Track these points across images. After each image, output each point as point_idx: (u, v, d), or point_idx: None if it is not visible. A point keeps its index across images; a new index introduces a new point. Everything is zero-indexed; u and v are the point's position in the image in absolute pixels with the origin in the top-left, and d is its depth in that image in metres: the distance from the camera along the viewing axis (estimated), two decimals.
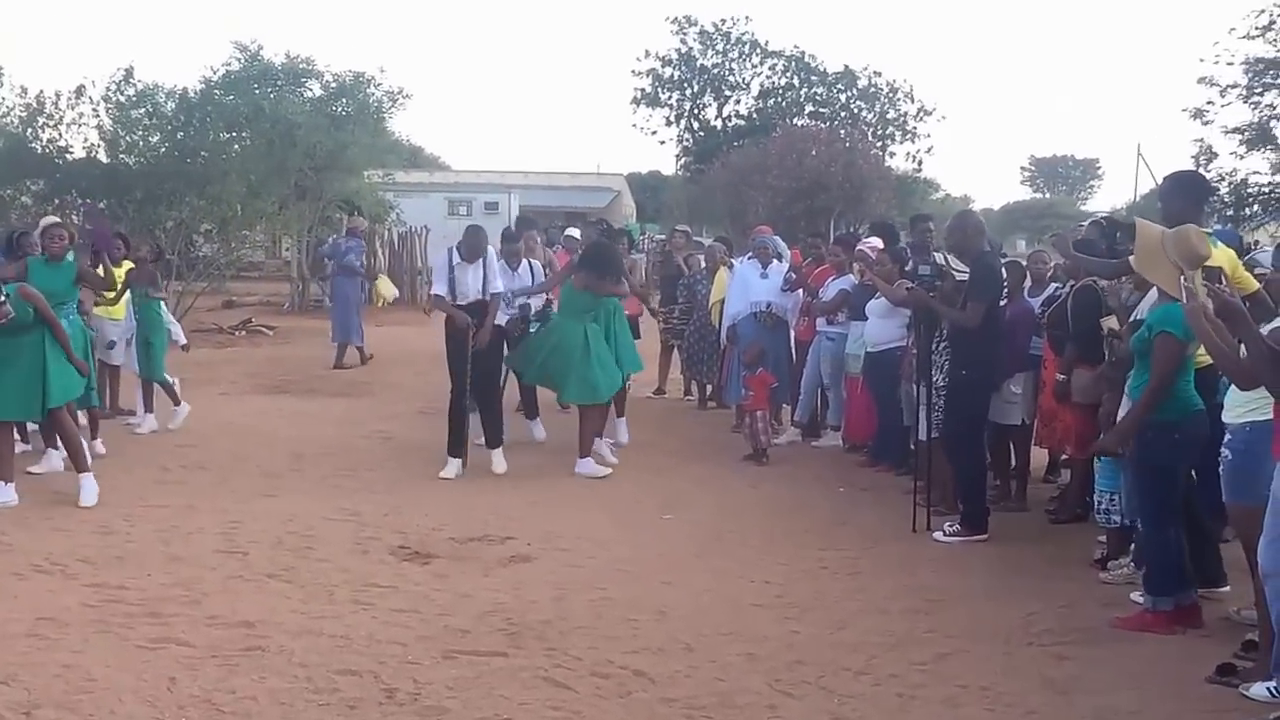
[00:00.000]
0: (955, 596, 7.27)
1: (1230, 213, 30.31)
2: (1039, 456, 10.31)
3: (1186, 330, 6.38)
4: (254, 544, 7.85)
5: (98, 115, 21.09)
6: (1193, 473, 6.97)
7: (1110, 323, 8.17)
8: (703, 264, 14.76)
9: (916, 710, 5.51)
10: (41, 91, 21.61)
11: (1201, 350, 6.53)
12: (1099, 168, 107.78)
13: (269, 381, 15.29)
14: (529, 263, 11.93)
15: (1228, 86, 30.04)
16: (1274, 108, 30.83)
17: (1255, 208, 30.74)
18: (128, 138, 21.14)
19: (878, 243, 11.58)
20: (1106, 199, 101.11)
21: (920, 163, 49.06)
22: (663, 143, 58.22)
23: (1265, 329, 5.55)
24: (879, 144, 45.98)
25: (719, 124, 50.32)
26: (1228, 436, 6.11)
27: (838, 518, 9.20)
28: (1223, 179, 30.47)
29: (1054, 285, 10.33)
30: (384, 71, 29.64)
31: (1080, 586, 7.49)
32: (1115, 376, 7.88)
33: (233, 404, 13.45)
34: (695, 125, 50.43)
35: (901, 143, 48.05)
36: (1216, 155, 30.69)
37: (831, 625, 6.67)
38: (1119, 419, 7.26)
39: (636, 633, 6.40)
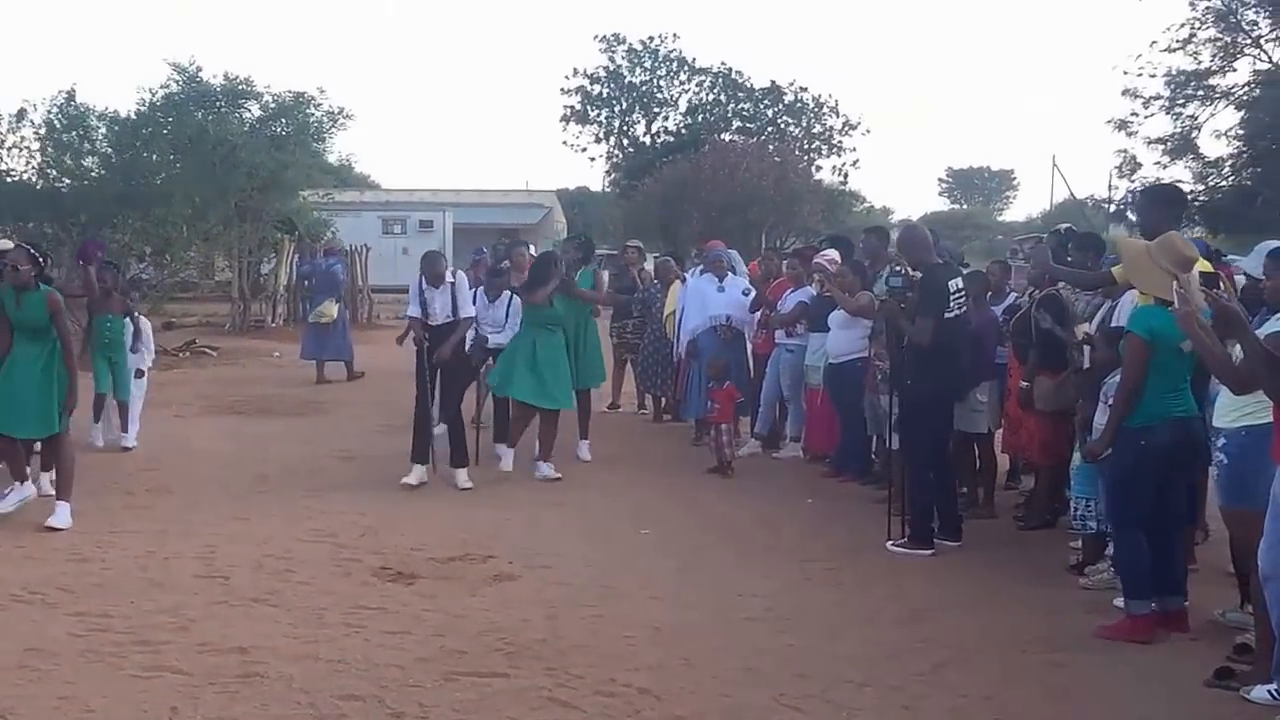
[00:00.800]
0: (941, 606, 7.33)
1: None
2: (1001, 463, 10.42)
3: (1150, 330, 6.49)
4: (234, 568, 7.74)
5: (40, 138, 20.78)
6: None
7: (1081, 330, 8.27)
8: (653, 278, 14.81)
9: None
10: None
11: None
12: (1014, 179, 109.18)
13: (221, 403, 15.08)
14: (510, 295, 11.91)
15: (1151, 98, 30.80)
16: (1195, 119, 31.57)
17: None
18: (69, 161, 20.85)
19: (834, 255, 11.64)
20: (1022, 209, 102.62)
21: (846, 176, 49.53)
22: (593, 159, 58.36)
23: (1261, 333, 5.64)
24: (806, 158, 46.28)
25: (648, 140, 50.46)
26: (1221, 441, 6.20)
27: (812, 529, 9.25)
28: (1146, 189, 31.16)
29: (1013, 294, 10.48)
30: (324, 91, 29.28)
31: (1061, 593, 7.58)
32: (1086, 384, 7.99)
33: (188, 426, 13.24)
34: (625, 142, 50.54)
35: (828, 156, 48.46)
36: (1140, 165, 31.46)
37: (824, 637, 6.68)
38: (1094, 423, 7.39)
39: (634, 650, 6.38)
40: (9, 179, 20.93)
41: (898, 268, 9.45)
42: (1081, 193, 50.05)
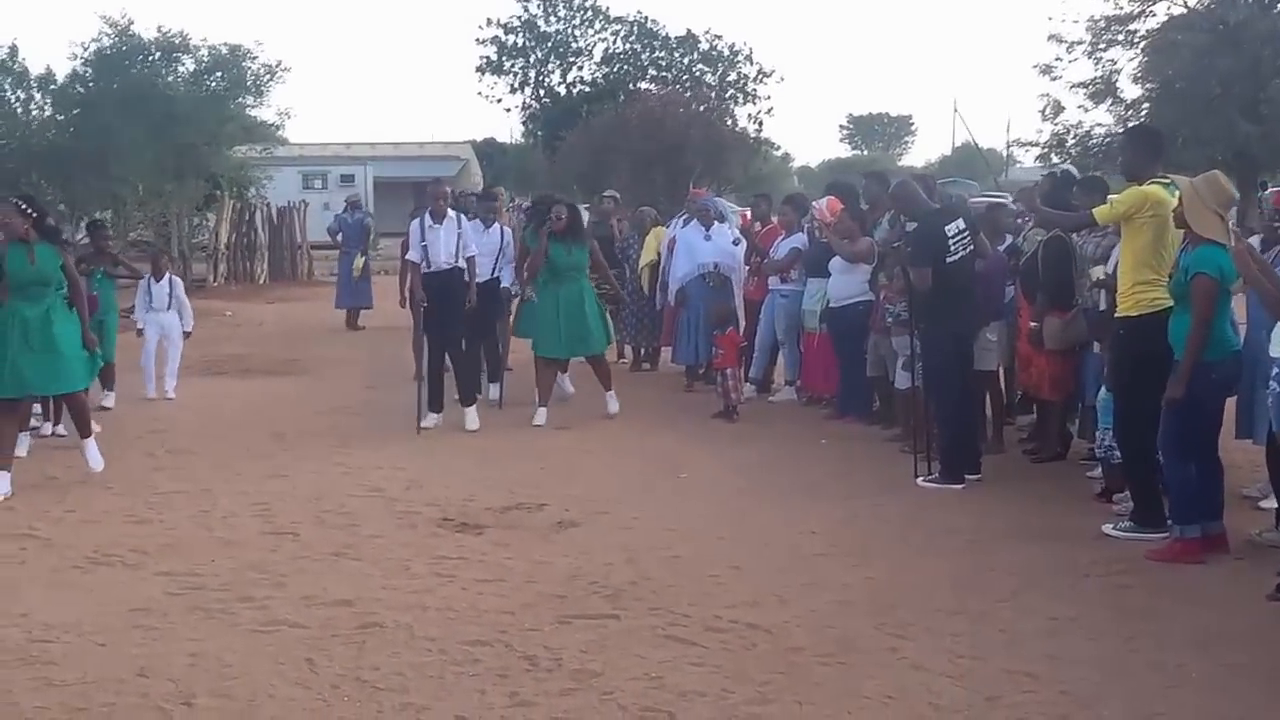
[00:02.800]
0: (990, 536, 7.62)
1: (1071, 162, 31.61)
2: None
3: (1221, 271, 6.80)
4: (297, 524, 7.79)
5: None
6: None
7: (1098, 272, 8.56)
8: (615, 228, 14.96)
9: (1025, 644, 5.77)
10: None
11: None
12: (912, 124, 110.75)
13: (199, 363, 14.86)
14: (500, 226, 12.03)
15: (1074, 43, 31.36)
16: (1115, 63, 32.20)
17: (1099, 156, 32.08)
18: (21, 117, 20.37)
19: (824, 203, 11.85)
20: (921, 154, 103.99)
21: (761, 124, 49.60)
22: (508, 110, 58.00)
23: None
24: (721, 106, 46.29)
25: (563, 90, 50.23)
26: (1275, 370, 6.53)
27: (837, 469, 9.50)
28: (1068, 131, 31.84)
29: (1010, 237, 10.77)
30: (260, 44, 28.85)
31: (1097, 520, 7.86)
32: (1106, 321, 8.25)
33: (177, 387, 13.08)
34: (541, 93, 50.24)
35: (743, 105, 48.54)
36: (1064, 109, 32.08)
37: (896, 570, 6.93)
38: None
39: (724, 588, 6.57)
40: None
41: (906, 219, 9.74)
42: (981, 137, 50.86)
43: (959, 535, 7.65)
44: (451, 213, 11.01)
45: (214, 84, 23.52)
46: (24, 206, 8.67)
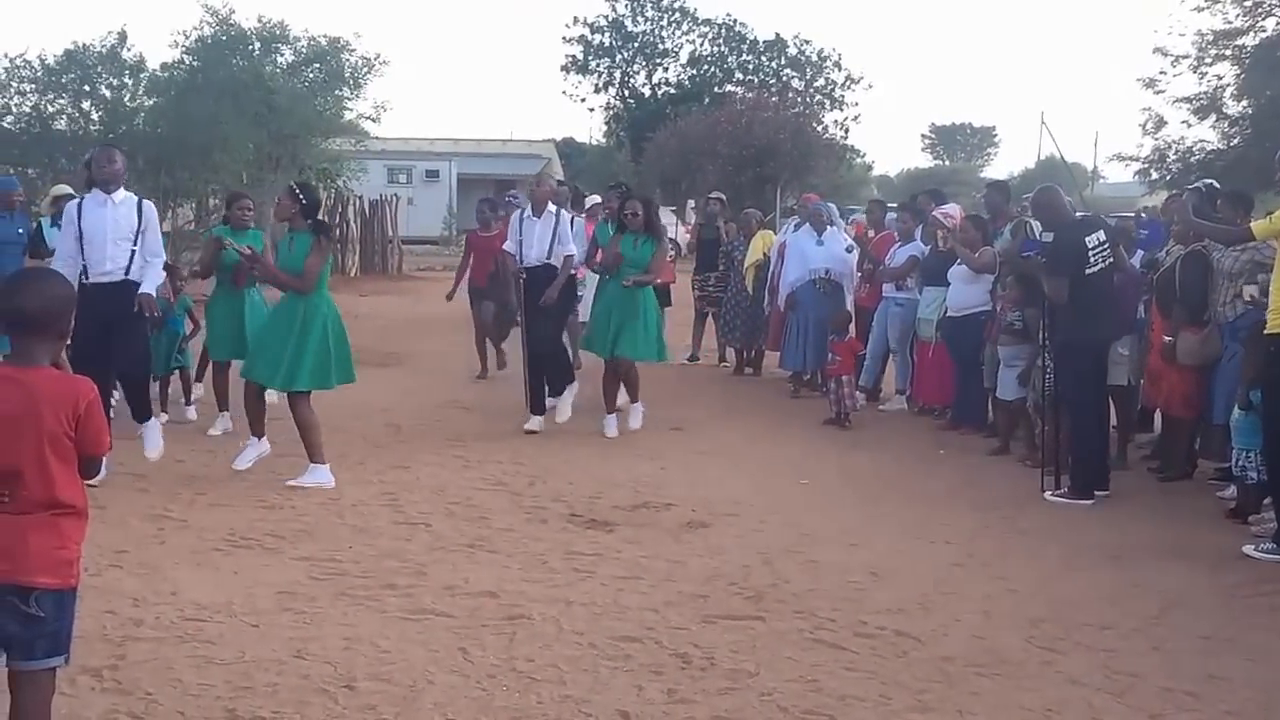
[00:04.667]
0: (1128, 552, 7.49)
1: (1169, 179, 31.12)
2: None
3: None
4: (427, 515, 7.80)
5: (92, 81, 20.54)
6: None
7: (1251, 290, 8.40)
8: (721, 230, 14.93)
9: (1182, 662, 5.65)
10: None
11: None
12: (996, 135, 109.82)
13: None
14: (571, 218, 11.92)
15: (1179, 57, 30.83)
16: (1220, 78, 31.59)
17: (1200, 173, 31.54)
18: (127, 103, 20.67)
19: (952, 209, 11.77)
20: (1004, 165, 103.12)
21: (847, 130, 49.47)
22: (591, 110, 58.09)
23: None
24: (808, 111, 46.16)
25: (648, 91, 50.30)
26: None
27: (960, 479, 9.39)
28: (1169, 146, 31.35)
29: (1139, 250, 10.63)
30: (359, 36, 29.14)
31: (1233, 539, 7.71)
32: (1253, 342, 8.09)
33: None
34: (625, 93, 50.32)
35: (831, 111, 48.38)
36: (1166, 123, 31.56)
37: (1037, 582, 6.82)
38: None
39: (865, 594, 6.50)
40: (54, 124, 20.77)
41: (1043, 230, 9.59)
42: (1067, 150, 50.34)
43: (1097, 551, 7.52)
44: (552, 207, 10.90)
45: (312, 75, 23.73)
46: (297, 192, 8.75)
